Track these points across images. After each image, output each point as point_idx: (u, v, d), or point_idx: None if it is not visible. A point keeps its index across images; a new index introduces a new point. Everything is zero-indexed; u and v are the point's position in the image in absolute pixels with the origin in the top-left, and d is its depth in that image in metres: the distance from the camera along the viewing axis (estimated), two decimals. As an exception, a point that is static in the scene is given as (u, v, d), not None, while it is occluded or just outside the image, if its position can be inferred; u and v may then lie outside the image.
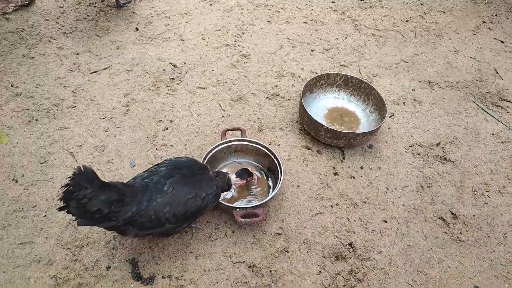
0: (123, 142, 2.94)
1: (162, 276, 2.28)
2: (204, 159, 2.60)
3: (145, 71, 3.50)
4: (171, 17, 4.09)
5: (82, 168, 1.77)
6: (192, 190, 2.11)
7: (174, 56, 3.68)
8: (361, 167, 2.95)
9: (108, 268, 2.30)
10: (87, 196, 1.76)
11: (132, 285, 2.24)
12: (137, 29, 3.91)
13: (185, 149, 2.93)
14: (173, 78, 3.46)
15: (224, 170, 2.79)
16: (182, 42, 3.84)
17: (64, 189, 1.76)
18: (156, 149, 2.90)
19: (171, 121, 3.12)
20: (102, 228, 2.09)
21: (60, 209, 1.79)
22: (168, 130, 3.05)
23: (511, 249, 2.57)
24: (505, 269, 2.48)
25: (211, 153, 2.67)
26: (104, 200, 1.81)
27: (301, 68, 3.70)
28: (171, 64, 3.60)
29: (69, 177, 1.75)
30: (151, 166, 2.28)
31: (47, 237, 2.41)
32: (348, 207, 2.71)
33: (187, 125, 3.10)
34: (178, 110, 3.21)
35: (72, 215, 1.82)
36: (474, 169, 3.03)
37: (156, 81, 3.42)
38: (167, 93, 3.33)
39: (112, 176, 2.71)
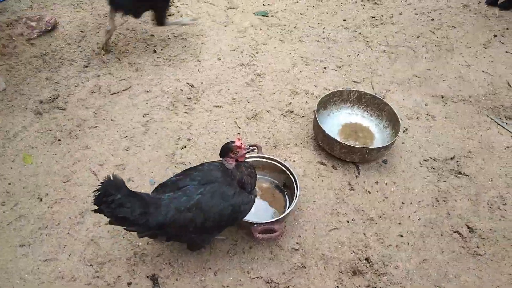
0: (143, 160, 3.03)
1: (182, 292, 2.34)
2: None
3: (163, 91, 3.61)
4: (187, 38, 4.22)
5: (111, 177, 1.91)
6: (215, 208, 2.15)
7: (191, 76, 3.79)
8: (377, 182, 2.98)
9: (129, 284, 2.36)
10: (115, 202, 1.89)
11: (153, 301, 2.30)
12: (155, 51, 4.04)
13: (203, 166, 3.00)
14: (190, 98, 3.56)
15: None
16: (198, 62, 3.95)
17: (95, 195, 1.90)
18: (175, 166, 2.98)
19: (189, 139, 3.21)
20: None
21: (95, 211, 1.94)
22: (186, 148, 3.14)
23: (530, 263, 2.56)
24: (524, 283, 2.47)
25: (228, 170, 2.73)
26: (129, 209, 1.94)
27: (315, 85, 3.77)
28: (188, 84, 3.70)
29: (99, 184, 1.89)
30: (182, 171, 2.36)
31: (70, 254, 2.49)
32: (364, 222, 2.74)
33: (205, 142, 3.19)
34: (195, 128, 3.30)
35: (105, 216, 1.96)
36: (490, 182, 3.04)
37: (174, 100, 3.53)
38: (185, 112, 3.43)
39: (133, 193, 2.80)
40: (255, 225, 2.43)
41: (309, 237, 2.63)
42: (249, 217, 2.64)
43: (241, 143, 2.19)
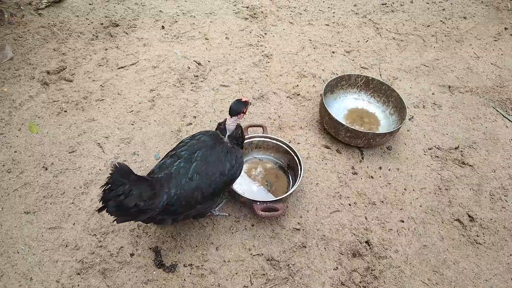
0: (148, 135, 3.04)
1: (184, 265, 2.36)
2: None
3: (171, 68, 3.60)
4: (196, 16, 4.19)
5: (118, 165, 1.87)
6: (215, 169, 2.18)
7: (199, 54, 3.78)
8: (380, 168, 3.00)
9: (132, 255, 2.39)
10: (125, 192, 1.84)
11: (154, 272, 2.33)
12: (163, 27, 4.02)
13: (208, 144, 3.01)
14: (197, 76, 3.55)
15: (245, 166, 2.86)
16: (206, 41, 3.93)
17: (104, 189, 1.85)
18: (180, 143, 2.99)
19: (194, 117, 3.21)
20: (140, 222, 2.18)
21: (99, 210, 1.88)
22: (191, 125, 3.14)
23: (528, 253, 2.59)
24: (522, 273, 2.50)
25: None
26: (138, 194, 1.89)
27: (322, 69, 3.76)
28: (196, 62, 3.69)
29: (108, 176, 1.84)
30: (170, 150, 2.33)
31: (74, 223, 2.51)
32: (366, 206, 2.76)
33: (210, 121, 3.19)
34: (201, 106, 3.30)
35: (111, 215, 1.90)
36: (492, 173, 3.05)
37: (181, 78, 3.52)
38: (191, 90, 3.43)
39: (138, 167, 2.81)
40: (258, 203, 2.45)
41: (310, 218, 2.66)
42: (252, 196, 2.68)
43: (246, 98, 2.26)
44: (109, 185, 1.84)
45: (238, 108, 2.22)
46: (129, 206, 1.86)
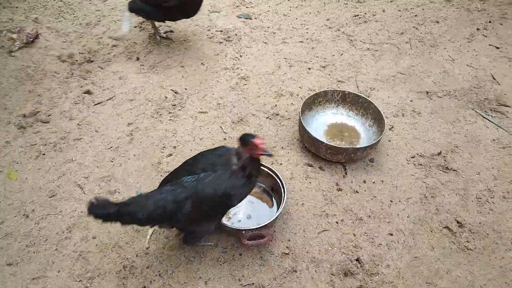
0: (128, 171, 3.00)
1: (173, 303, 2.31)
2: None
3: (148, 99, 3.58)
4: (170, 44, 4.19)
5: (93, 200, 2.02)
6: (210, 186, 2.16)
7: (175, 82, 3.77)
8: (364, 181, 2.98)
9: (119, 297, 2.34)
10: (112, 220, 2.07)
11: (144, 313, 2.28)
12: (138, 58, 4.00)
13: (190, 174, 2.98)
14: (175, 105, 3.54)
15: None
16: (182, 68, 3.92)
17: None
18: (161, 175, 2.95)
19: (174, 147, 3.18)
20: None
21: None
22: (171, 156, 3.12)
23: (519, 255, 2.57)
24: (515, 276, 2.48)
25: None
26: (134, 213, 2.09)
27: (299, 87, 3.76)
28: (172, 90, 3.68)
29: (88, 212, 2.02)
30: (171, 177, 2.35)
31: (59, 271, 2.46)
32: (353, 222, 2.74)
33: (190, 150, 3.16)
34: (181, 135, 3.28)
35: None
36: (477, 176, 3.05)
37: (159, 108, 3.50)
38: (170, 120, 3.41)
39: (120, 205, 2.77)
40: (243, 232, 2.42)
41: (299, 241, 2.63)
42: (238, 223, 2.64)
43: (260, 142, 2.11)
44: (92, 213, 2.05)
45: (241, 140, 2.14)
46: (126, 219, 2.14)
